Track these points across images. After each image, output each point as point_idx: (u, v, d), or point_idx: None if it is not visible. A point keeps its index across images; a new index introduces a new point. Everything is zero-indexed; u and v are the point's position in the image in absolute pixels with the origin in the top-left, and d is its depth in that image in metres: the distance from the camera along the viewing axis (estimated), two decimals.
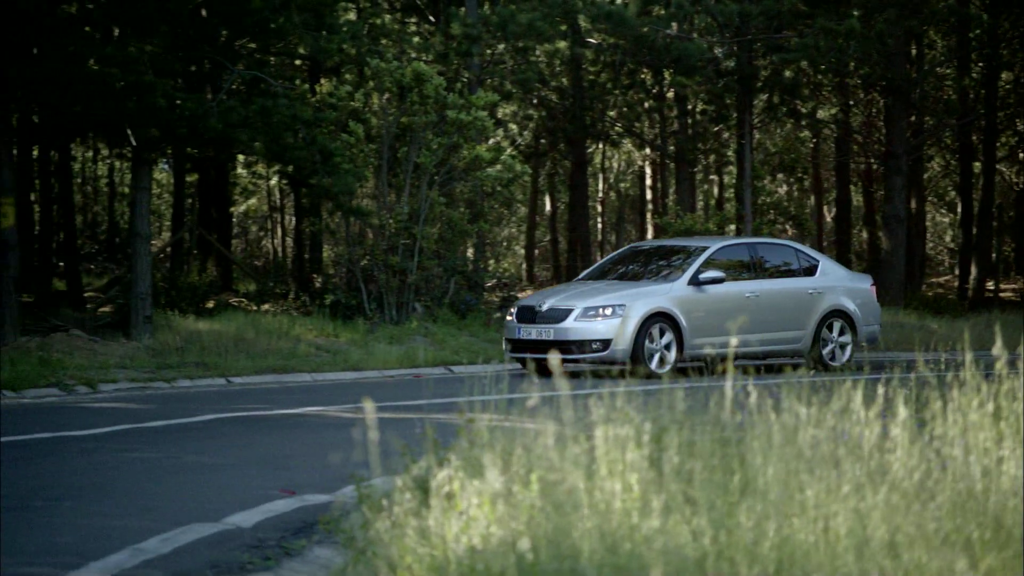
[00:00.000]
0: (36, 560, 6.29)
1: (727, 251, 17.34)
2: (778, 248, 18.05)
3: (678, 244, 18.00)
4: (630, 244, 19.66)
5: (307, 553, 6.73)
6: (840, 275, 18.08)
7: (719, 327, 16.43)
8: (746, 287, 17.05)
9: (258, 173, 43.88)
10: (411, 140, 22.32)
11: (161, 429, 11.64)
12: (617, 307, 16.09)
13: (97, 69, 18.16)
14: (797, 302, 17.32)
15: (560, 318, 16.24)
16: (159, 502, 8.04)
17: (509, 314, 16.94)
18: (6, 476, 8.91)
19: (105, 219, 50.13)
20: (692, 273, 16.71)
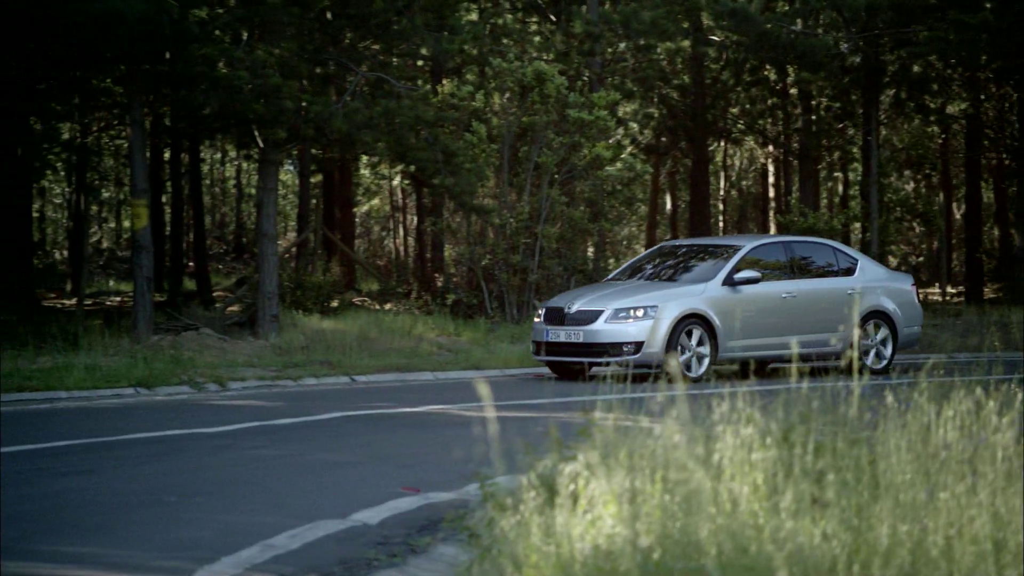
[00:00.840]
0: (170, 554, 6.44)
1: (762, 250, 16.70)
2: (815, 247, 17.35)
3: (711, 243, 17.46)
4: (660, 243, 18.96)
5: (432, 551, 6.79)
6: (880, 274, 17.29)
7: (755, 329, 15.87)
8: (782, 287, 16.39)
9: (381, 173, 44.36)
10: (532, 139, 22.37)
11: (288, 427, 11.83)
12: (649, 308, 15.50)
13: (226, 72, 18.52)
14: (836, 302, 16.54)
15: (590, 320, 15.66)
16: (287, 498, 8.18)
17: (537, 316, 16.40)
18: (142, 472, 9.14)
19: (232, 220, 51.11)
20: (727, 273, 16.07)
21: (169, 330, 19.79)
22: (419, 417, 12.75)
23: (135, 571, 6.08)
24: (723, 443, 4.99)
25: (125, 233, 48.73)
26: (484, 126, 22.14)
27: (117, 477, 8.81)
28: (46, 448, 10.10)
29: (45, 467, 9.17)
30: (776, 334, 15.97)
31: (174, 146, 29.66)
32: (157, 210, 29.67)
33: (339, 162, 31.74)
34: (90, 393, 14.08)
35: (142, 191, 19.19)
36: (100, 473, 8.96)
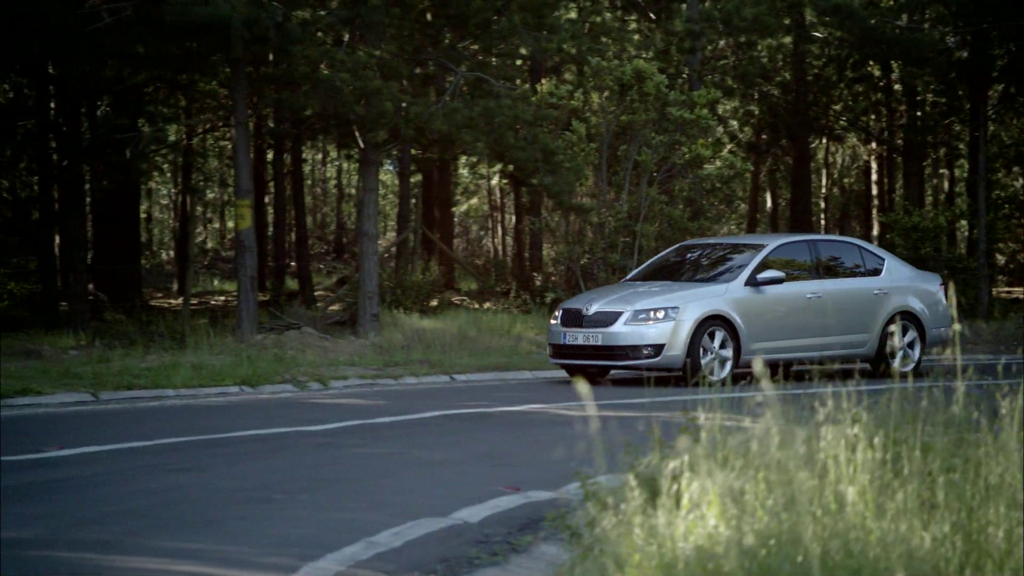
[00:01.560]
0: (276, 551, 6.52)
1: (786, 249, 16.15)
2: (841, 246, 16.84)
3: (733, 242, 16.88)
4: (680, 243, 18.23)
5: (533, 549, 6.79)
6: (907, 274, 16.73)
7: (778, 330, 15.42)
8: (807, 287, 15.85)
9: (479, 173, 44.51)
10: (631, 138, 22.30)
11: (389, 425, 11.92)
12: (670, 310, 14.99)
13: (328, 74, 18.73)
14: (861, 303, 16.07)
15: (609, 322, 15.14)
16: (389, 496, 8.24)
17: (553, 318, 15.92)
18: (247, 469, 9.27)
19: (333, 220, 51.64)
20: (749, 273, 15.53)
21: (272, 329, 20.05)
22: (519, 416, 12.78)
23: (242, 567, 6.17)
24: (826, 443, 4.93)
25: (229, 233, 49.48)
26: (583, 125, 22.11)
27: (223, 474, 8.95)
28: (155, 445, 10.29)
29: (154, 464, 9.34)
30: (801, 336, 15.54)
31: (277, 147, 30.05)
32: (260, 210, 30.09)
33: (438, 162, 31.92)
34: (196, 391, 14.32)
35: (246, 192, 19.48)
36: (207, 470, 9.11)
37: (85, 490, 8.12)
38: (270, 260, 30.84)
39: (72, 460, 9.43)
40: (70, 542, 6.57)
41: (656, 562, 4.53)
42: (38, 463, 9.23)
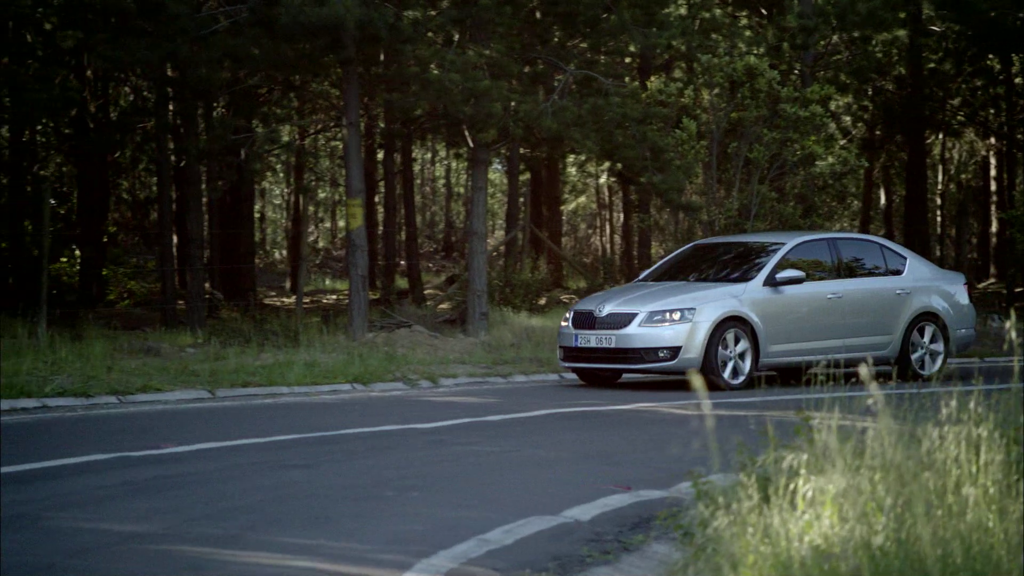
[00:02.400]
0: (389, 547, 6.58)
1: (805, 248, 15.55)
2: (861, 244, 16.20)
3: (750, 240, 16.25)
4: (694, 242, 17.51)
5: (645, 549, 6.77)
6: (930, 274, 16.14)
7: (798, 332, 14.86)
8: (827, 287, 15.29)
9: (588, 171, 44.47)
10: (742, 135, 22.10)
11: (499, 423, 11.96)
12: (686, 311, 14.44)
13: (438, 74, 18.87)
14: (883, 304, 15.49)
15: (622, 324, 14.59)
16: (500, 494, 8.27)
17: (564, 319, 15.39)
18: (360, 466, 9.37)
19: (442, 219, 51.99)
20: (768, 272, 14.97)
21: (383, 327, 20.25)
22: (628, 414, 12.74)
23: (356, 563, 6.23)
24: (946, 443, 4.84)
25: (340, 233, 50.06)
26: (693, 122, 21.97)
27: (336, 471, 9.05)
28: (270, 442, 10.44)
29: (270, 460, 9.48)
30: (821, 338, 14.97)
31: (387, 147, 30.34)
32: (370, 210, 30.39)
33: (547, 161, 31.97)
34: (309, 389, 14.51)
35: (357, 191, 19.69)
36: (320, 467, 9.23)
37: (203, 486, 8.28)
38: (380, 259, 31.14)
39: (190, 456, 9.62)
40: (190, 537, 6.70)
41: (771, 562, 4.49)
42: (158, 459, 9.43)
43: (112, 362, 15.05)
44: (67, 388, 13.22)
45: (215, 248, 27.53)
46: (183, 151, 22.72)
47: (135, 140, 29.12)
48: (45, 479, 8.41)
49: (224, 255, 27.63)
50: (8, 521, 6.98)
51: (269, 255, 47.62)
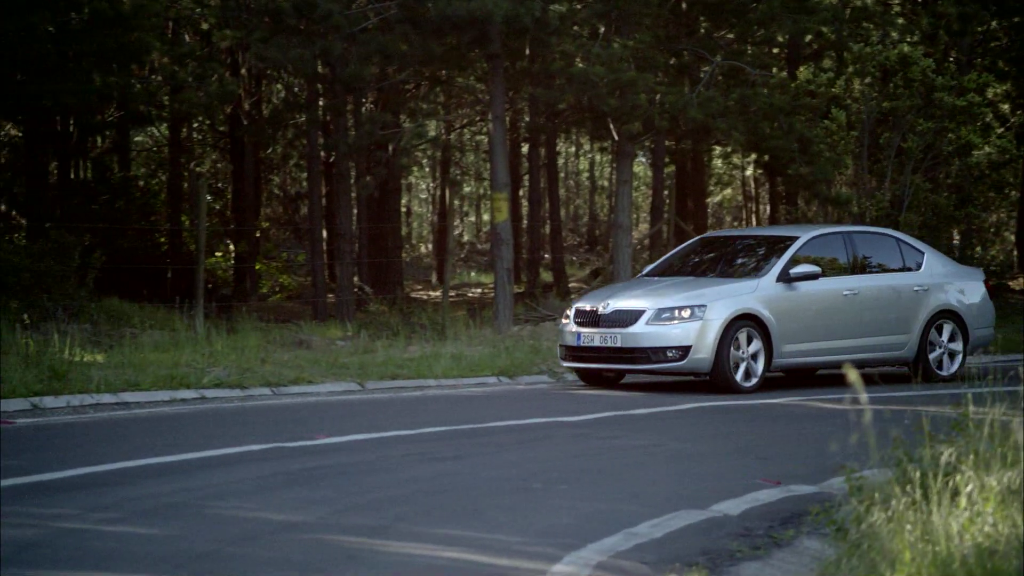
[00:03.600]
0: (537, 540, 6.62)
1: (819, 242, 14.69)
2: (877, 238, 15.32)
3: (761, 234, 15.46)
4: (700, 235, 16.51)
5: (796, 544, 6.70)
6: (949, 269, 15.34)
7: (812, 331, 14.10)
8: (843, 284, 14.47)
9: (733, 163, 44.02)
10: (894, 125, 21.65)
11: (645, 417, 11.94)
12: (696, 308, 13.61)
13: (583, 67, 18.90)
14: (901, 301, 14.72)
15: (628, 322, 13.74)
16: (647, 488, 8.26)
17: (564, 316, 14.55)
18: (507, 458, 9.45)
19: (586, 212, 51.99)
20: (781, 268, 14.11)
21: (528, 320, 20.34)
22: (776, 408, 12.62)
23: (505, 554, 6.29)
24: None
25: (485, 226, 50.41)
26: (843, 112, 21.58)
27: (484, 463, 9.14)
28: (419, 434, 10.58)
29: (419, 452, 9.61)
30: (836, 337, 14.24)
31: (532, 141, 30.45)
32: (515, 203, 30.55)
33: (692, 153, 31.73)
34: (456, 381, 14.65)
35: (502, 185, 19.82)
36: (468, 459, 9.32)
37: (355, 477, 8.43)
38: (525, 252, 31.27)
39: (342, 447, 9.80)
40: (343, 527, 6.83)
41: (930, 559, 4.40)
42: (312, 450, 9.63)
43: (266, 354, 15.40)
44: (223, 380, 13.58)
45: (363, 242, 27.96)
46: (333, 147, 23.11)
47: (286, 136, 29.73)
48: (205, 468, 8.66)
49: (372, 249, 28.04)
50: (171, 508, 7.21)
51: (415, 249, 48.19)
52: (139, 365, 13.80)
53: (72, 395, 12.31)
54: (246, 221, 27.37)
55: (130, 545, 6.28)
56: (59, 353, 13.79)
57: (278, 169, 34.77)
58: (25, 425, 10.88)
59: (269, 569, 5.86)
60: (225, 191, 31.76)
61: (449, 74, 25.48)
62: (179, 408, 12.33)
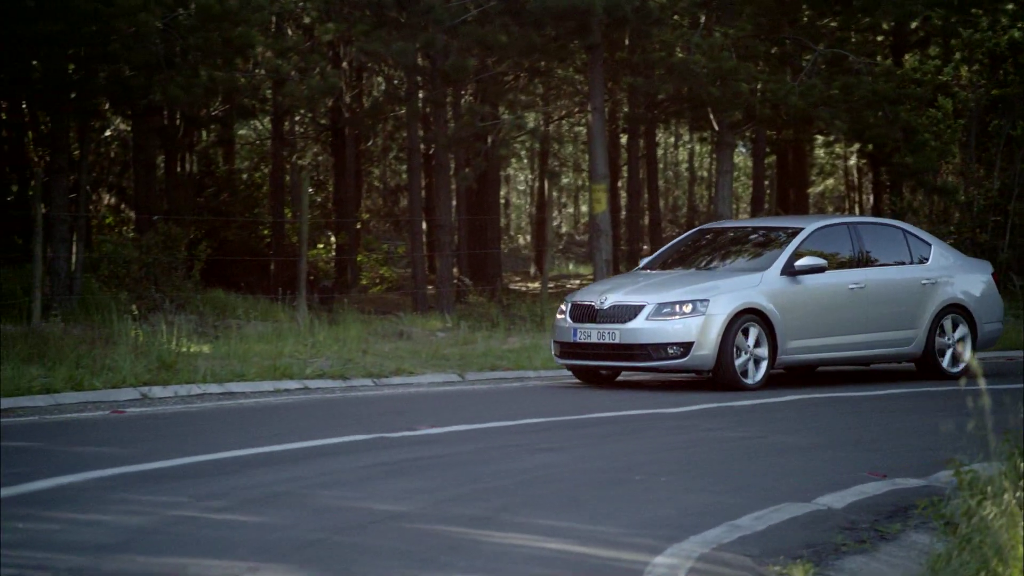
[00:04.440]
0: (639, 531, 6.61)
1: (824, 234, 14.05)
2: (883, 229, 14.68)
3: (763, 225, 14.91)
4: (699, 226, 15.67)
5: (903, 538, 6.61)
6: (956, 262, 14.67)
7: (818, 327, 13.51)
8: (849, 277, 13.85)
9: (836, 152, 43.46)
10: (1003, 112, 21.22)
11: (748, 408, 11.85)
12: (699, 303, 12.99)
13: (683, 57, 18.80)
14: (908, 295, 14.09)
15: (627, 317, 13.10)
16: (749, 480, 8.21)
17: (559, 312, 13.88)
18: (607, 450, 9.45)
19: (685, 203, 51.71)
20: (786, 260, 13.51)
21: None
22: (881, 400, 12.48)
23: (607, 546, 6.29)
24: None
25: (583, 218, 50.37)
26: (949, 100, 21.20)
27: (585, 455, 9.14)
28: (519, 425, 10.62)
29: (519, 443, 9.65)
30: (842, 333, 13.67)
31: (631, 131, 30.35)
32: (614, 194, 30.48)
33: (793, 143, 31.39)
34: (556, 373, 14.66)
35: (601, 176, 19.80)
36: (569, 450, 9.34)
37: (457, 467, 8.48)
38: (623, 244, 31.19)
39: (444, 438, 9.86)
40: (446, 517, 6.88)
41: None
42: (414, 440, 9.71)
43: (367, 346, 15.55)
44: (326, 371, 13.74)
45: (463, 234, 28.10)
46: (432, 139, 23.25)
47: (386, 129, 29.97)
48: (309, 458, 8.78)
49: (471, 241, 28.17)
50: (278, 497, 7.32)
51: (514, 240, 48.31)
52: (244, 356, 14.02)
53: (180, 385, 12.55)
54: (347, 213, 27.65)
55: (239, 533, 6.39)
56: (167, 344, 14.07)
57: (378, 161, 35.07)
58: (135, 414, 11.12)
59: (374, 558, 5.92)
60: (326, 184, 32.12)
61: (548, 65, 25.49)
62: (283, 398, 12.51)
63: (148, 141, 23.08)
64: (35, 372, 12.17)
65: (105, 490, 7.40)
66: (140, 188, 23.19)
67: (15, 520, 6.54)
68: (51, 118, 19.43)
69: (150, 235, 17.54)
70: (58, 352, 12.93)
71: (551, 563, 5.93)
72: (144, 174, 23.06)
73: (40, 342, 13.35)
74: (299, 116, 30.52)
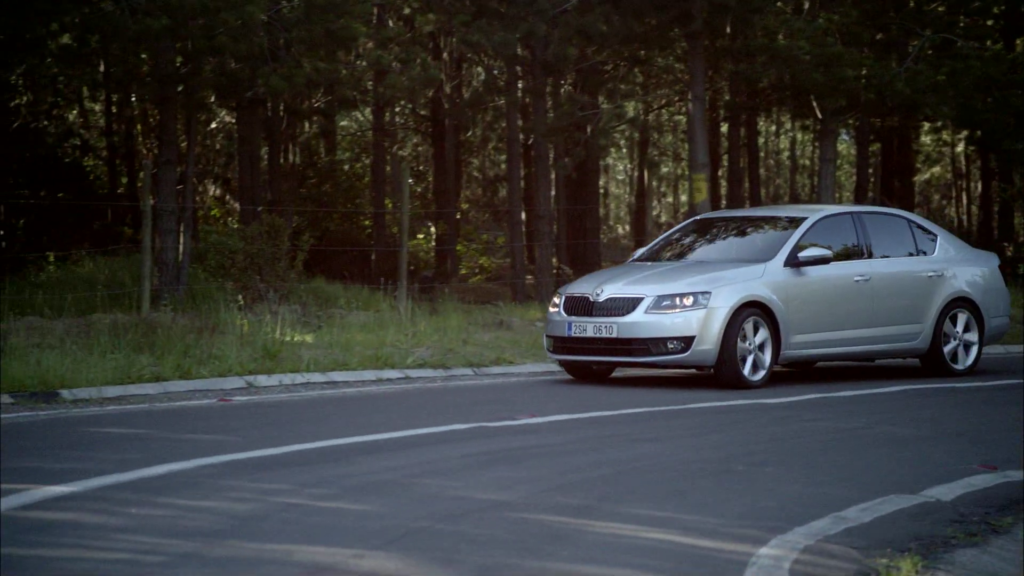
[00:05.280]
0: (742, 522, 6.57)
1: (828, 224, 13.45)
2: (888, 219, 14.04)
3: (762, 215, 14.29)
4: (695, 216, 14.94)
5: (1015, 531, 6.50)
6: (962, 253, 14.06)
7: (822, 321, 12.94)
8: (854, 269, 13.26)
9: (943, 140, 42.67)
10: None
11: (852, 399, 11.73)
12: (700, 295, 12.41)
13: (786, 43, 18.59)
14: (915, 288, 13.53)
15: (625, 310, 12.53)
16: (853, 471, 8.12)
17: (552, 305, 13.28)
18: (708, 440, 9.40)
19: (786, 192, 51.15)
20: (790, 251, 12.92)
21: None
22: (991, 392, 12.27)
23: (710, 536, 6.26)
24: None
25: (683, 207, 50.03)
26: None
27: (686, 445, 9.11)
28: (620, 415, 10.62)
29: (620, 433, 9.65)
30: (846, 327, 13.11)
31: (731, 119, 30.09)
32: (714, 183, 30.25)
33: (898, 129, 30.89)
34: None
35: (702, 165, 19.67)
36: (669, 440, 9.31)
37: (558, 457, 8.50)
38: None
39: (544, 427, 9.89)
40: (547, 506, 6.90)
41: None
42: (513, 429, 9.75)
43: (467, 335, 15.64)
44: (427, 360, 13.85)
45: (562, 224, 28.09)
46: (532, 129, 23.28)
47: (485, 119, 30.05)
48: (412, 446, 8.86)
49: (570, 230, 28.15)
50: (381, 485, 7.39)
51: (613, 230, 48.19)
52: (346, 345, 14.17)
53: (284, 374, 12.73)
54: (446, 204, 27.79)
55: (343, 520, 6.47)
56: (271, 333, 14.28)
57: (477, 152, 35.20)
58: (241, 403, 11.30)
59: (477, 547, 5.96)
60: (426, 174, 32.31)
61: (648, 54, 25.36)
62: (385, 387, 12.63)
63: (252, 133, 23.41)
64: (145, 361, 12.44)
65: (213, 477, 7.54)
66: (244, 179, 23.54)
67: (128, 505, 6.69)
68: (159, 111, 19.79)
69: (254, 226, 17.79)
70: (167, 341, 13.19)
71: (654, 553, 5.91)
72: (248, 165, 23.40)
73: (150, 331, 13.63)
74: (399, 107, 30.74)
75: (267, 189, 24.90)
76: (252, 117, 22.94)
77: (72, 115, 30.32)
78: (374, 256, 26.17)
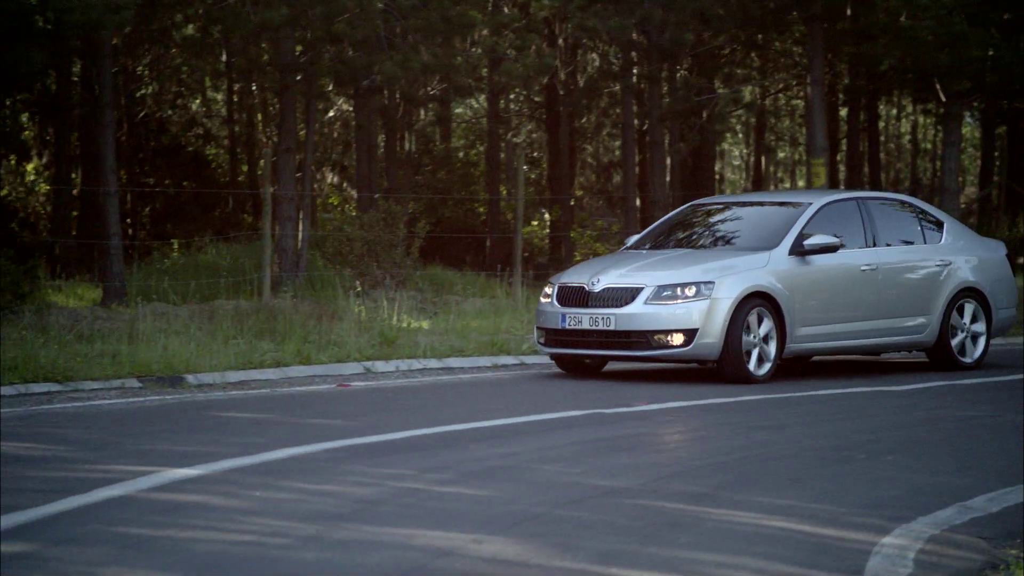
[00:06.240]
0: (863, 511, 6.49)
1: (833, 210, 12.67)
2: (894, 205, 13.33)
3: (765, 200, 13.69)
4: (692, 201, 14.06)
5: None
6: (969, 242, 13.31)
7: (828, 312, 12.25)
8: (860, 257, 12.51)
9: None
10: None
11: (975, 387, 11.55)
12: (703, 285, 11.70)
13: (909, 23, 18.25)
14: (922, 277, 12.81)
15: (623, 301, 11.81)
16: (980, 461, 7.99)
17: (544, 295, 12.51)
18: (828, 428, 9.30)
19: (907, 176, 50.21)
20: (795, 238, 12.18)
21: None
22: None
23: (831, 525, 6.19)
24: None
25: None
26: None
27: (804, 433, 9.03)
28: (736, 402, 10.56)
29: (735, 421, 9.60)
30: (852, 319, 12.42)
31: (851, 103, 29.61)
32: (833, 168, 29.81)
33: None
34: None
35: (820, 150, 19.41)
36: (787, 428, 9.22)
37: (674, 444, 8.49)
38: None
39: (660, 415, 9.87)
40: (665, 493, 6.88)
41: None
42: (629, 416, 9.74)
43: None
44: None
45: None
46: (647, 114, 23.15)
47: (600, 105, 29.97)
48: (528, 432, 8.90)
49: None
50: (499, 471, 7.44)
51: None
52: (462, 331, 14.27)
53: (401, 360, 12.86)
54: (561, 190, 27.79)
55: (461, 505, 6.52)
56: (389, 320, 14.43)
57: (592, 138, 35.11)
58: (360, 388, 11.45)
59: (594, 533, 5.97)
60: (540, 161, 32.33)
61: (766, 38, 25.05)
62: (500, 374, 12.69)
63: (369, 121, 23.65)
64: (266, 347, 12.65)
65: (334, 461, 7.65)
66: (361, 167, 23.79)
67: (253, 488, 6.82)
68: (279, 100, 20.10)
69: (371, 213, 17.97)
70: (287, 327, 13.41)
71: (775, 541, 5.87)
72: (365, 153, 23.65)
73: (270, 317, 13.86)
74: (514, 94, 30.80)
75: (384, 176, 25.15)
76: (369, 105, 23.17)
77: (195, 104, 30.94)
78: (489, 243, 26.28)
